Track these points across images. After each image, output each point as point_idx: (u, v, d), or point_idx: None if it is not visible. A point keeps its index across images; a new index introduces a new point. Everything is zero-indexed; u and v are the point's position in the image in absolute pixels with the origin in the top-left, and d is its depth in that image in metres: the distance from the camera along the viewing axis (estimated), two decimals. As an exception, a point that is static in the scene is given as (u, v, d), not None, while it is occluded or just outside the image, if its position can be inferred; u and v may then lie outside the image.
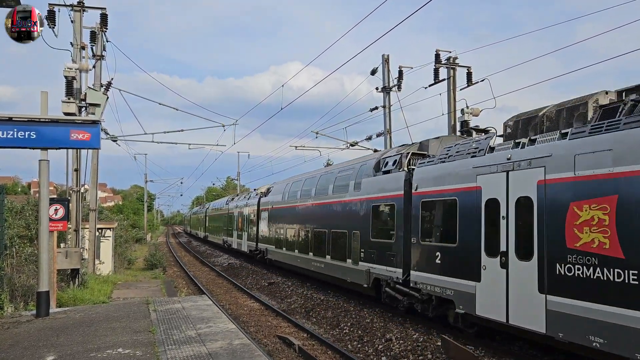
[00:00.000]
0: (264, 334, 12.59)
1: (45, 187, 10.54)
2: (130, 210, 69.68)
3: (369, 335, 11.94)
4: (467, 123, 18.29)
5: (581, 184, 7.78)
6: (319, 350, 11.02)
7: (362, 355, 10.63)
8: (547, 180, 8.41)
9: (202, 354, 7.39)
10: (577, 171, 7.86)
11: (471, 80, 18.89)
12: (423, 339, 10.96)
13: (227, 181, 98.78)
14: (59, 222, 12.94)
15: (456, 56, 19.40)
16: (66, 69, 16.09)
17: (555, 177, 8.28)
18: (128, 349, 7.65)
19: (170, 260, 35.97)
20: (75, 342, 8.19)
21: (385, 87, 22.78)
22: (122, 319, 10.08)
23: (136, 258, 32.77)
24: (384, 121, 23.03)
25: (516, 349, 10.00)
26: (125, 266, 28.43)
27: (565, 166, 8.08)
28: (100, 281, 18.50)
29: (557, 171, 8.22)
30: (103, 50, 19.56)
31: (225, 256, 37.45)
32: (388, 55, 22.58)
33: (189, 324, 9.56)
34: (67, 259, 15.09)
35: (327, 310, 15.13)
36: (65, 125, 10.63)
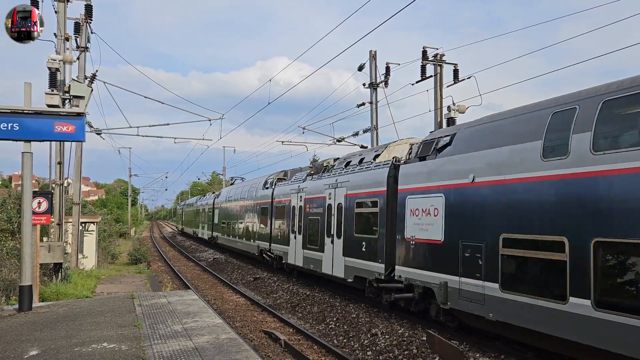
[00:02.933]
0: (250, 329, 12.58)
1: (28, 179, 10.38)
2: (114, 205, 69.00)
3: (354, 330, 11.99)
4: (454, 120, 18.40)
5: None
6: (305, 345, 11.04)
7: (348, 350, 10.67)
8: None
9: (189, 348, 7.36)
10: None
11: (458, 77, 19.00)
12: (408, 333, 11.04)
13: (213, 176, 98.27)
14: (42, 215, 12.75)
15: (443, 53, 19.46)
16: (50, 61, 15.79)
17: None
18: (113, 343, 7.59)
19: (154, 255, 35.71)
20: (59, 336, 8.10)
21: (372, 83, 22.80)
22: (106, 314, 9.99)
23: (120, 253, 32.47)
24: (371, 117, 23.07)
25: (500, 344, 10.11)
26: (109, 261, 28.14)
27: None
28: (84, 276, 18.31)
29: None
30: (87, 42, 19.28)
31: (211, 251, 37.30)
32: (375, 52, 22.60)
33: (174, 319, 9.50)
34: (50, 253, 14.88)
35: (313, 305, 15.16)
36: (50, 117, 10.47)
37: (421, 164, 11.72)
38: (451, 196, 10.48)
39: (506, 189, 9.05)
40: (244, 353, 7.13)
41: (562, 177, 8.04)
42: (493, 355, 9.47)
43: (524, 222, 8.60)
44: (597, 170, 7.44)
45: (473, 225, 9.81)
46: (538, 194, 8.43)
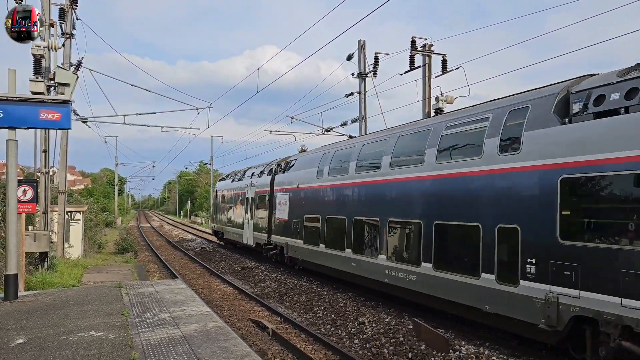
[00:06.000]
0: (238, 318, 12.62)
1: (13, 167, 10.26)
2: (100, 194, 68.40)
3: (342, 318, 12.09)
4: (441, 110, 18.47)
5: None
6: (293, 334, 11.11)
7: (335, 339, 10.76)
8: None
9: (177, 336, 7.37)
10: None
11: (446, 68, 19.03)
12: (395, 322, 11.16)
13: (200, 165, 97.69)
14: (27, 203, 12.63)
15: (432, 43, 19.49)
16: (34, 47, 15.51)
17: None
18: (100, 331, 7.58)
19: (141, 244, 35.52)
20: (46, 325, 8.06)
21: (360, 73, 22.78)
22: (93, 302, 9.96)
23: (107, 242, 32.26)
24: (359, 107, 23.07)
25: (485, 332, 10.27)
26: (95, 250, 27.94)
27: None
28: (70, 265, 18.18)
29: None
30: (73, 29, 19.01)
31: (199, 240, 37.21)
32: (364, 41, 22.55)
33: (162, 307, 9.50)
34: (36, 242, 14.74)
35: (301, 294, 15.23)
36: (35, 104, 10.32)
37: (281, 175, 20.91)
38: (291, 194, 19.07)
39: (306, 190, 17.69)
40: (231, 341, 7.17)
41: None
42: (478, 343, 9.61)
43: (313, 208, 16.93)
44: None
45: (297, 210, 18.35)
46: (315, 193, 16.98)
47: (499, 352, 9.12)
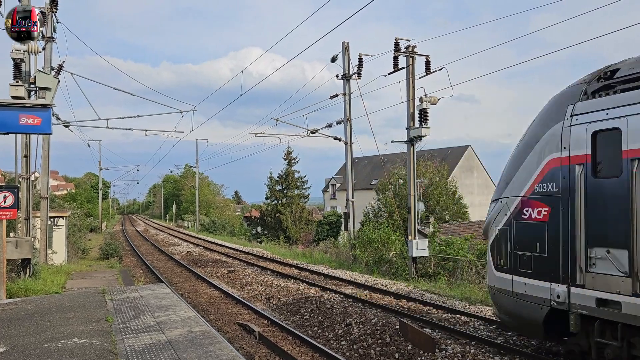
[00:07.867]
0: (224, 322, 12.55)
1: (-8, 173, 10.10)
2: (84, 199, 67.63)
3: (329, 320, 12.08)
4: (426, 111, 18.60)
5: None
6: (280, 337, 11.07)
7: (322, 340, 10.75)
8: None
9: (161, 342, 7.30)
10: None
11: (429, 68, 19.16)
12: (382, 323, 11.17)
13: (186, 169, 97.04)
14: (8, 210, 12.40)
15: (415, 45, 19.61)
16: (14, 51, 15.29)
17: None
18: (84, 338, 7.48)
19: (126, 249, 35.17)
20: (27, 333, 7.93)
21: (345, 74, 22.83)
22: (76, 309, 9.83)
23: (91, 247, 31.91)
24: (344, 109, 23.12)
25: (470, 330, 10.33)
26: (79, 256, 27.63)
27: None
28: (53, 271, 17.92)
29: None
30: (53, 32, 18.75)
31: (184, 244, 36.95)
32: (348, 43, 22.62)
33: (147, 313, 9.41)
34: (17, 248, 14.52)
35: (288, 297, 15.19)
36: (14, 109, 10.21)
37: None
38: None
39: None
40: (217, 345, 7.12)
41: None
42: (464, 342, 9.67)
43: None
44: None
45: None
46: None
47: (485, 350, 9.19)
